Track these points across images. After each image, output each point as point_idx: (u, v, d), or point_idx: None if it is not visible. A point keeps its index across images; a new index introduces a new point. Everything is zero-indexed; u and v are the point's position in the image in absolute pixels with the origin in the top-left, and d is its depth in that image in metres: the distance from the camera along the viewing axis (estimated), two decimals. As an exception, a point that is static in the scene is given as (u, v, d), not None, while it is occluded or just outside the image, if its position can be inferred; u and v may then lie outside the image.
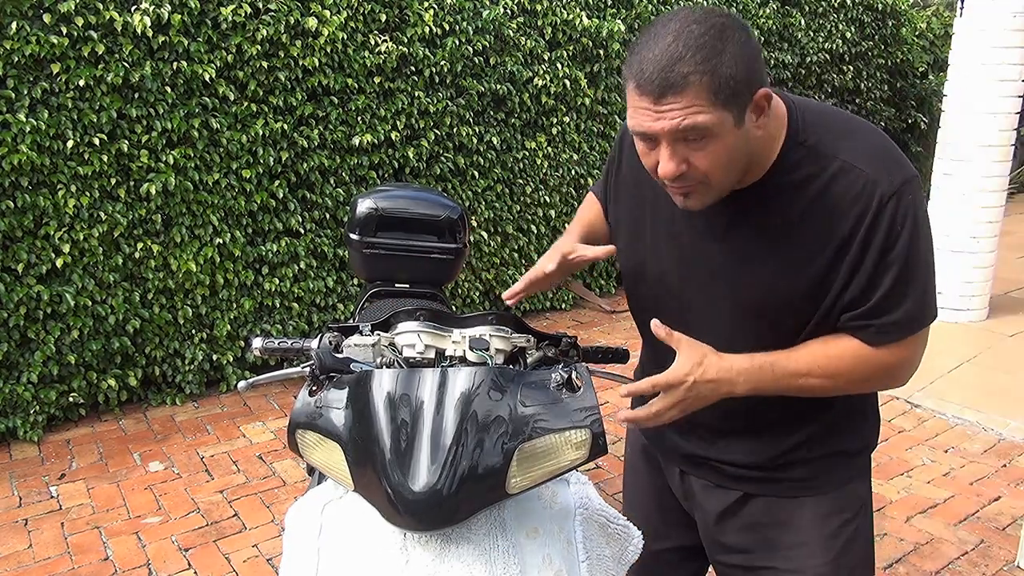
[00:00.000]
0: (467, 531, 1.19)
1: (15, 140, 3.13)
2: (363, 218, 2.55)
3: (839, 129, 1.22)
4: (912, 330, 1.24)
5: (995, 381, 4.17)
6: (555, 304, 5.22)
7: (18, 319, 3.25)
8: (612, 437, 3.54)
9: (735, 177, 1.20)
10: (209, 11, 3.50)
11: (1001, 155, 4.83)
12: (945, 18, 8.14)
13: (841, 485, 1.40)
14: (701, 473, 1.48)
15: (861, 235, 1.18)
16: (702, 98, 1.09)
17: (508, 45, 4.51)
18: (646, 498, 1.63)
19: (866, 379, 1.27)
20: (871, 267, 1.19)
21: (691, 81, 1.07)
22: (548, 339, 1.50)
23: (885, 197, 1.16)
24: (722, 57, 1.08)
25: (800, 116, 1.22)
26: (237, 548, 2.75)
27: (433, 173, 4.34)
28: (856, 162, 1.18)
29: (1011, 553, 2.77)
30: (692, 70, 1.07)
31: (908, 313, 1.21)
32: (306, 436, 1.26)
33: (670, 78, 1.08)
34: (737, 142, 1.14)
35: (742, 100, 1.11)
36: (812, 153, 1.20)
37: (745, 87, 1.10)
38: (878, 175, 1.17)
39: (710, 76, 1.07)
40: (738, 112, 1.11)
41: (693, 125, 1.10)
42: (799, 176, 1.20)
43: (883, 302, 1.21)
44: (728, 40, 1.09)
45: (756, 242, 1.25)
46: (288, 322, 3.98)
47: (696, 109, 1.09)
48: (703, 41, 1.08)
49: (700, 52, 1.07)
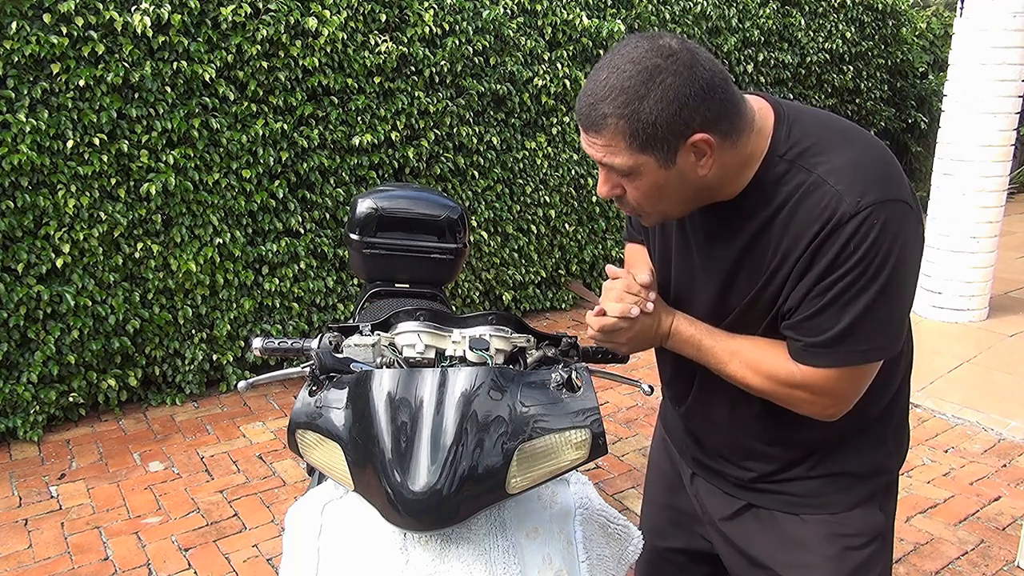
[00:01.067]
0: (467, 531, 1.19)
1: (15, 140, 3.13)
2: (363, 218, 2.55)
3: (826, 142, 1.18)
4: (840, 361, 1.18)
5: (995, 381, 4.17)
6: (555, 304, 5.22)
7: (18, 319, 3.25)
8: (612, 437, 3.54)
9: (680, 207, 1.21)
10: (209, 11, 3.50)
11: (1001, 155, 4.83)
12: (945, 18, 8.15)
13: (846, 508, 1.37)
14: (708, 477, 1.49)
15: (811, 248, 1.14)
16: (618, 141, 1.11)
17: (508, 45, 4.51)
18: (661, 495, 1.64)
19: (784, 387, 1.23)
20: (811, 282, 1.15)
21: (608, 124, 1.10)
22: (548, 339, 1.51)
23: (845, 216, 1.11)
24: (643, 103, 1.08)
25: (787, 129, 1.19)
26: (237, 548, 2.75)
27: (433, 173, 4.34)
28: (828, 177, 1.14)
29: (1011, 553, 2.77)
30: (611, 112, 1.10)
31: (839, 342, 1.16)
32: (306, 436, 1.26)
33: (592, 116, 1.12)
34: (668, 181, 1.15)
35: (667, 145, 1.11)
36: (791, 167, 1.17)
37: (669, 133, 1.10)
38: (846, 192, 1.12)
39: (626, 121, 1.09)
40: (663, 155, 1.12)
41: (611, 164, 1.14)
42: (774, 191, 1.18)
43: (812, 321, 1.17)
44: (655, 85, 1.07)
45: (731, 252, 1.24)
46: (288, 322, 3.98)
47: (613, 150, 1.13)
48: (627, 84, 1.08)
49: (622, 95, 1.08)
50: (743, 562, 1.46)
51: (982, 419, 3.76)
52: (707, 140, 1.11)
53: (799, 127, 1.20)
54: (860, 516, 1.38)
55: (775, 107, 1.21)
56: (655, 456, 1.67)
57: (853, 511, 1.38)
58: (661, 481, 1.64)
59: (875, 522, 1.39)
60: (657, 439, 1.67)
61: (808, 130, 1.20)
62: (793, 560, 1.38)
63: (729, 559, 1.49)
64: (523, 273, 4.90)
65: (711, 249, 1.28)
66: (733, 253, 1.24)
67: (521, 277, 4.89)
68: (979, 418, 3.77)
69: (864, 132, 1.23)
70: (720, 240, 1.26)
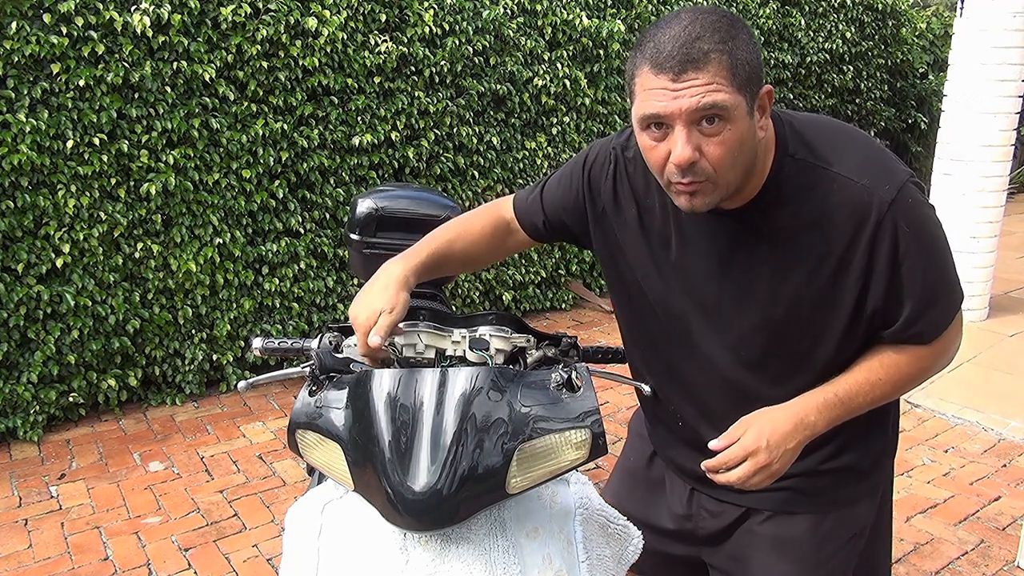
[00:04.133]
0: (467, 531, 1.19)
1: (15, 140, 3.13)
2: (363, 218, 2.54)
3: (829, 140, 1.21)
4: (953, 314, 1.25)
5: (995, 381, 4.17)
6: (555, 304, 5.22)
7: (18, 319, 3.25)
8: (612, 437, 3.55)
9: (738, 178, 1.16)
10: (209, 11, 3.50)
11: (1001, 155, 4.83)
12: (945, 18, 8.14)
13: (845, 505, 1.38)
14: (708, 490, 1.46)
15: (864, 247, 1.16)
16: (722, 76, 1.07)
17: (508, 45, 4.51)
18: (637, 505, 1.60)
19: (926, 371, 1.29)
20: (889, 275, 1.18)
21: (711, 58, 1.07)
22: (548, 339, 1.50)
23: (884, 205, 1.15)
24: (737, 41, 1.09)
25: (788, 130, 1.21)
26: (237, 548, 2.75)
27: (433, 173, 4.34)
28: (850, 173, 1.16)
29: (1011, 553, 2.77)
30: (712, 47, 1.07)
31: (945, 303, 1.23)
32: (306, 436, 1.26)
33: (691, 53, 1.07)
34: (747, 134, 1.12)
35: (754, 88, 1.11)
36: (804, 167, 1.18)
37: (757, 75, 1.11)
38: (874, 184, 1.16)
39: (729, 56, 1.08)
40: (751, 100, 1.11)
41: (714, 102, 1.07)
42: (792, 191, 1.19)
43: (920, 304, 1.21)
44: (739, 28, 1.11)
45: (755, 260, 1.23)
46: (288, 322, 3.98)
47: (717, 86, 1.07)
48: (719, 24, 1.09)
49: (718, 33, 1.08)
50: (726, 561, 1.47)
51: (982, 419, 3.76)
52: (769, 91, 1.14)
53: (798, 126, 1.21)
54: (856, 511, 1.39)
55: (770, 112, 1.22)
56: (636, 467, 1.64)
57: (851, 508, 1.38)
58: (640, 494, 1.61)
59: (864, 516, 1.41)
60: (639, 453, 1.63)
61: (807, 130, 1.21)
62: (777, 563, 1.39)
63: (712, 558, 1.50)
64: (523, 273, 4.90)
65: (732, 261, 1.25)
66: (760, 261, 1.23)
67: (521, 277, 4.89)
68: (979, 418, 3.77)
69: (851, 127, 1.27)
70: (743, 248, 1.24)
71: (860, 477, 1.39)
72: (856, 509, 1.40)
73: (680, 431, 1.47)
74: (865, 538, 1.42)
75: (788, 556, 1.38)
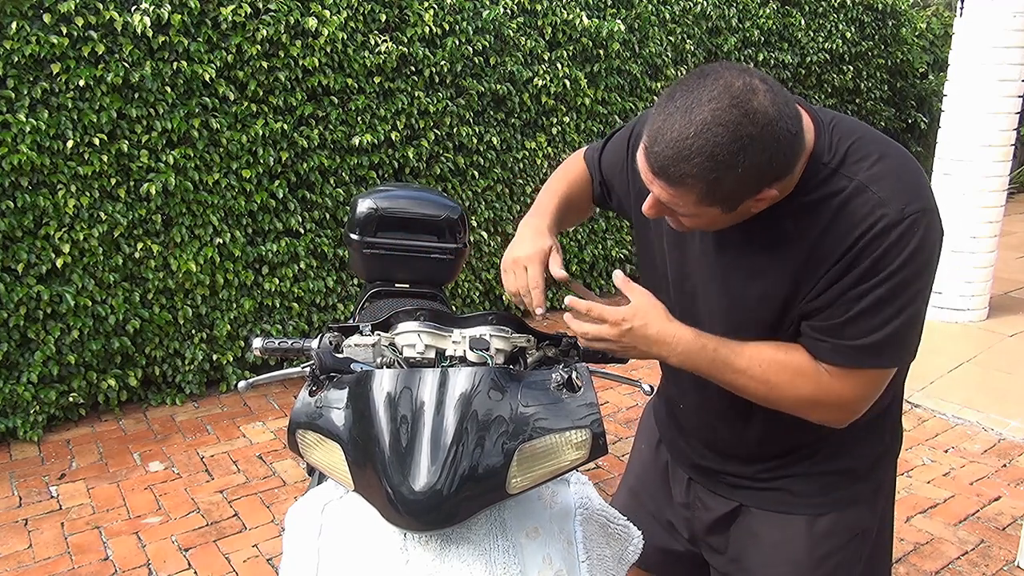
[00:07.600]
0: (467, 531, 1.19)
1: (15, 140, 3.13)
2: (363, 218, 2.55)
3: (866, 150, 1.18)
4: (868, 362, 1.18)
5: (995, 381, 4.17)
6: (555, 304, 5.22)
7: (18, 319, 3.25)
8: (612, 437, 3.54)
9: (726, 227, 1.21)
10: (209, 11, 3.50)
11: (1001, 155, 4.83)
12: (945, 18, 8.14)
13: (843, 507, 1.38)
14: (706, 480, 1.48)
15: (853, 252, 1.14)
16: (689, 199, 1.11)
17: (508, 45, 4.51)
18: (645, 498, 1.63)
19: (802, 399, 1.22)
20: (848, 285, 1.15)
21: (686, 183, 1.08)
22: (548, 339, 1.50)
23: (891, 223, 1.12)
24: (728, 173, 1.05)
25: (828, 137, 1.19)
26: (237, 548, 2.74)
27: (433, 173, 4.34)
28: (871, 184, 1.14)
29: (1011, 553, 2.77)
30: (693, 175, 1.06)
31: (871, 344, 1.16)
32: (306, 436, 1.26)
33: (669, 170, 1.08)
34: (725, 219, 1.16)
35: (737, 201, 1.12)
36: (834, 174, 1.17)
37: (745, 195, 1.10)
38: (890, 199, 1.13)
39: (706, 185, 1.07)
40: (729, 207, 1.12)
41: (673, 209, 1.14)
42: (817, 196, 1.17)
43: (849, 324, 1.16)
44: (744, 158, 1.04)
45: (763, 255, 1.23)
46: (288, 322, 3.98)
47: (681, 203, 1.12)
48: (716, 152, 1.04)
49: (709, 162, 1.04)
50: (721, 560, 1.47)
51: (982, 419, 3.76)
52: (773, 195, 1.13)
53: (837, 134, 1.20)
54: (853, 514, 1.39)
55: (813, 116, 1.21)
56: (646, 455, 1.66)
57: (847, 511, 1.38)
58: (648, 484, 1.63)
59: (865, 518, 1.40)
60: (649, 442, 1.65)
61: (847, 137, 1.20)
62: (775, 559, 1.39)
63: (709, 554, 1.51)
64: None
65: (741, 251, 1.26)
66: (766, 255, 1.23)
67: (521, 277, 4.87)
68: (979, 418, 3.77)
69: (897, 144, 1.22)
70: (753, 242, 1.24)
71: (856, 479, 1.39)
72: (855, 510, 1.39)
73: (681, 415, 1.50)
74: (869, 540, 1.42)
75: (784, 557, 1.39)
